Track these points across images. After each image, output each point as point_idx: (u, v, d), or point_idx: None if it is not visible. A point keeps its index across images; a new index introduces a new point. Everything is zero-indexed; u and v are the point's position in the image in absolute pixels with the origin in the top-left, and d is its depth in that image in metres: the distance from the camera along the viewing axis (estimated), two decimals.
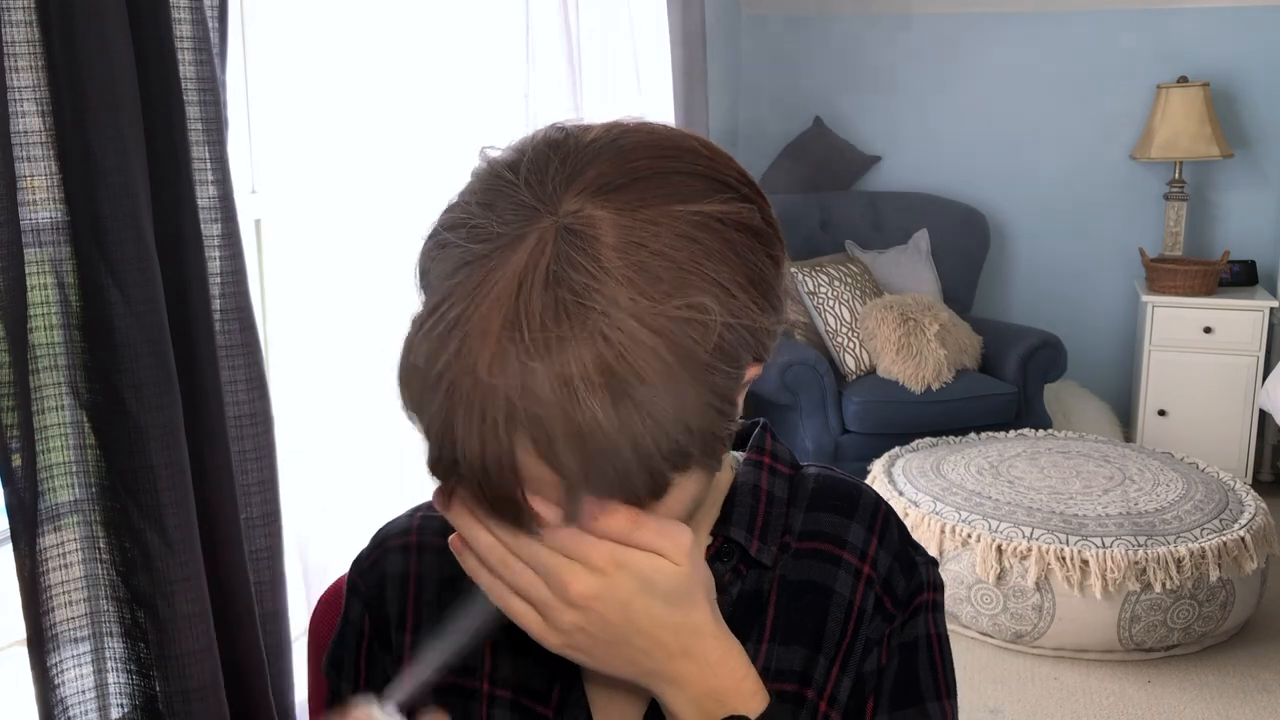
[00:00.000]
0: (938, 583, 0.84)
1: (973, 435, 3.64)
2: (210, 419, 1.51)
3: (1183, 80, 4.12)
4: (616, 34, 3.07)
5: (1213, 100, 4.08)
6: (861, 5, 4.51)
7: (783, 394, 3.69)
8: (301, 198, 2.00)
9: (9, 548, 1.33)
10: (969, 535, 2.90)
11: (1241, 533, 2.89)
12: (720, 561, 0.80)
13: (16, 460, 1.28)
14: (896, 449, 3.53)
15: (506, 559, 0.66)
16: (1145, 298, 4.08)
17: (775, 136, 4.59)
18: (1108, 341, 4.49)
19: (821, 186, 4.49)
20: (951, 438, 3.62)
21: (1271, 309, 3.99)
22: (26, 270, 1.27)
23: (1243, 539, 2.87)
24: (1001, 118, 4.45)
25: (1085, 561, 2.78)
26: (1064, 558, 2.79)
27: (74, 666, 1.41)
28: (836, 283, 3.95)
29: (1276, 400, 3.61)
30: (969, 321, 4.06)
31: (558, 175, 0.63)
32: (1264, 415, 4.02)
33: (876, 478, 3.34)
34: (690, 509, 0.72)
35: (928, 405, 3.72)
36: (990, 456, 3.37)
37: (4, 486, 1.29)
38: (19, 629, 1.36)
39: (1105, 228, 4.43)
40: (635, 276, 0.60)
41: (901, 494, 3.18)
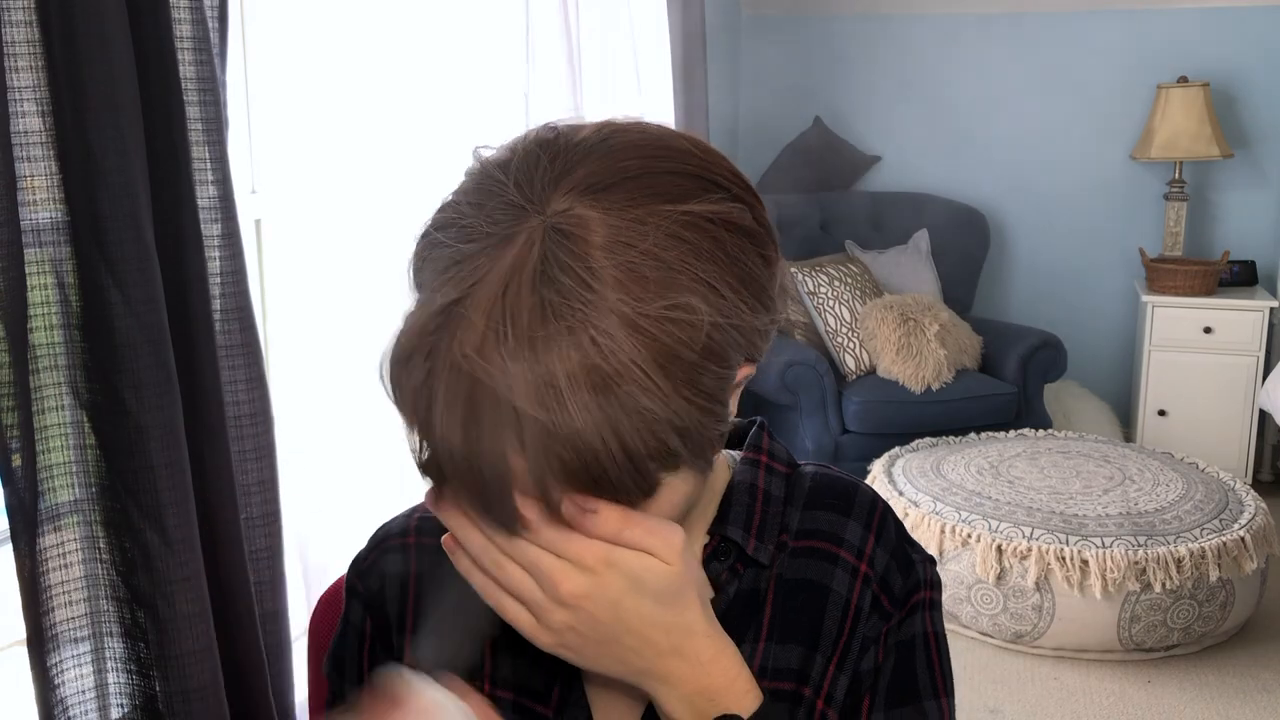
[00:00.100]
0: (935, 581, 0.84)
1: (973, 435, 3.64)
2: (210, 419, 1.51)
3: (1183, 80, 4.11)
4: (616, 34, 3.08)
5: (1213, 100, 4.08)
6: (861, 5, 4.51)
7: (783, 394, 3.70)
8: (301, 198, 2.00)
9: (9, 548, 1.33)
10: (969, 535, 2.90)
11: (1241, 533, 2.89)
12: (717, 560, 0.80)
13: (16, 460, 1.28)
14: (896, 449, 3.53)
15: (498, 559, 0.66)
16: (1145, 298, 4.08)
17: (775, 136, 4.58)
18: (1108, 341, 4.48)
19: (821, 186, 4.49)
20: (951, 438, 3.62)
21: (1271, 309, 3.98)
22: (26, 270, 1.28)
23: (1243, 539, 2.87)
24: (1001, 118, 4.45)
25: (1085, 561, 2.78)
26: (1064, 558, 2.79)
27: (74, 666, 1.41)
28: (836, 283, 3.95)
29: (1276, 400, 3.60)
30: (969, 321, 4.06)
31: (547, 174, 0.63)
32: (1264, 415, 4.02)
33: (876, 478, 3.34)
34: (683, 508, 0.71)
35: (928, 405, 3.72)
36: (990, 456, 3.37)
37: (4, 486, 1.29)
38: (19, 629, 1.36)
39: (1105, 228, 4.42)
40: (623, 276, 0.59)
41: (901, 494, 3.17)
